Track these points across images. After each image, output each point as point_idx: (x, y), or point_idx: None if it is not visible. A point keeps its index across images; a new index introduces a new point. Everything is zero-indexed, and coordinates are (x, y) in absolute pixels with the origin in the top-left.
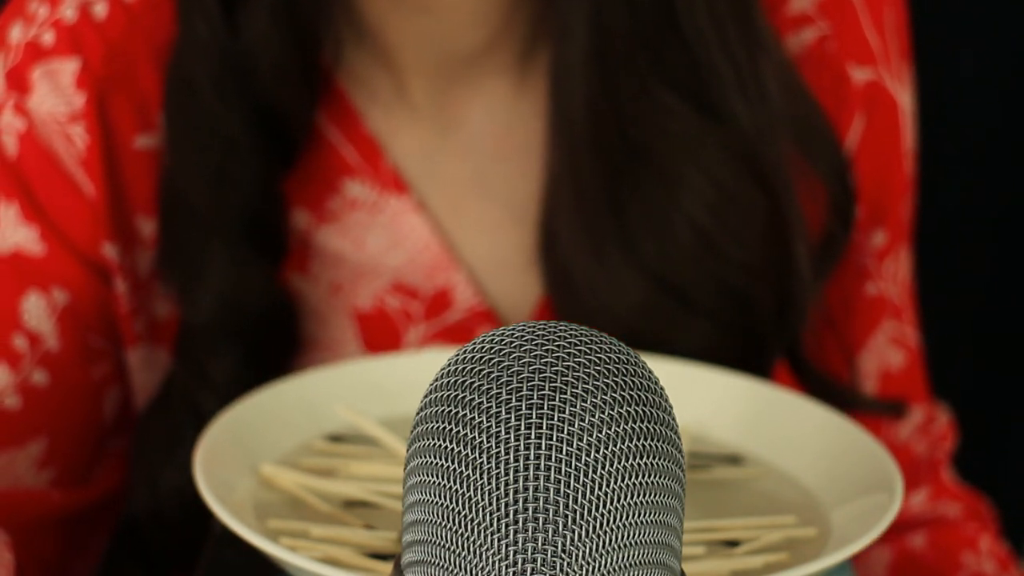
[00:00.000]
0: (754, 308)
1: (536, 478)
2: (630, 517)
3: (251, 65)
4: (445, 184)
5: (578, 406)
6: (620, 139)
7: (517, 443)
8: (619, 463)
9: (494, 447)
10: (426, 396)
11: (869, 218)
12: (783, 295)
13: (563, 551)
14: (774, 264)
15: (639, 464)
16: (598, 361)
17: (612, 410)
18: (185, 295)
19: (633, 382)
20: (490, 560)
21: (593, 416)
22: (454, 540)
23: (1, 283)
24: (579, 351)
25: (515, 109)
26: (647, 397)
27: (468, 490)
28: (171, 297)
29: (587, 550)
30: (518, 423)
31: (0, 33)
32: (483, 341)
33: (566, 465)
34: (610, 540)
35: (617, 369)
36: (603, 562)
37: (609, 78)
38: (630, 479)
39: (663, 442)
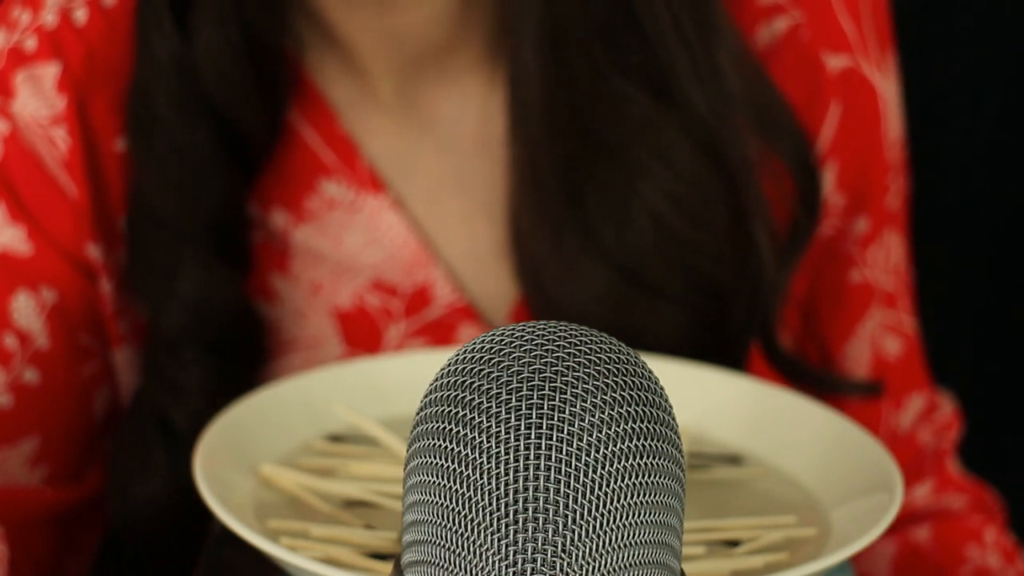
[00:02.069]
0: (722, 295)
1: (536, 478)
2: (630, 517)
3: (201, 75)
4: (421, 181)
5: (578, 406)
6: (577, 128)
7: (517, 443)
8: (619, 463)
9: (494, 447)
10: (426, 396)
11: (851, 206)
12: (750, 281)
13: (563, 551)
14: (738, 250)
15: (639, 464)
16: (598, 361)
17: (612, 410)
18: (153, 305)
19: (633, 382)
20: (490, 560)
21: (593, 416)
22: (454, 540)
23: None
24: (579, 351)
25: (487, 104)
26: (647, 397)
27: (468, 490)
28: (140, 306)
29: (587, 550)
30: (518, 423)
31: None
32: (483, 341)
33: (566, 465)
34: (610, 540)
35: (617, 369)
36: (603, 562)
37: (564, 66)
38: (630, 479)
39: (663, 442)
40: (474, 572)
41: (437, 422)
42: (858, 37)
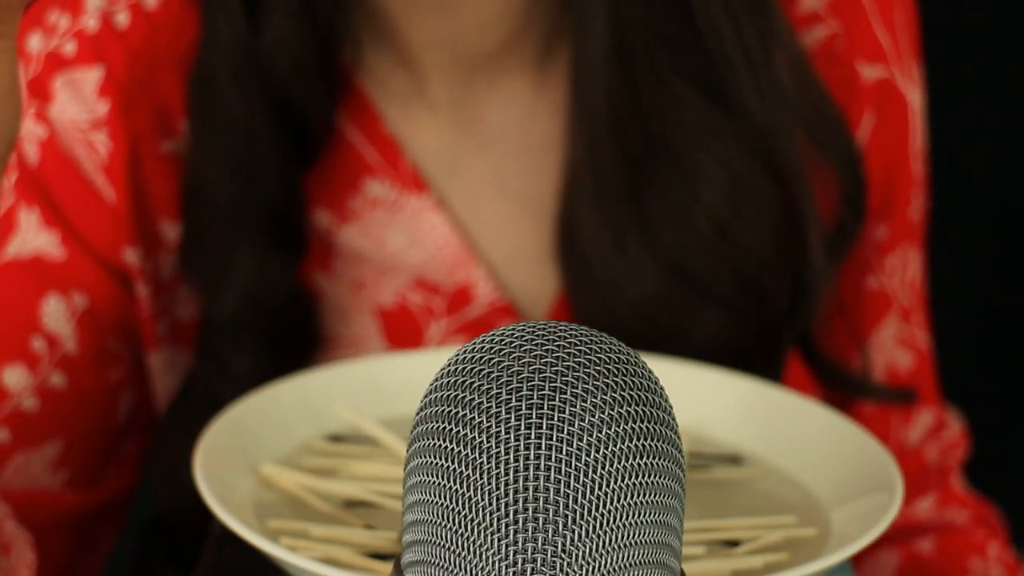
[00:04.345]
0: (768, 297)
1: (536, 478)
2: (630, 517)
3: (271, 64)
4: (464, 181)
5: (578, 406)
6: (639, 131)
7: (517, 443)
8: (619, 463)
9: (494, 447)
10: (426, 396)
11: (874, 213)
12: (797, 284)
13: (563, 551)
14: (788, 253)
15: (639, 464)
16: (598, 361)
17: (612, 410)
18: (208, 291)
19: (633, 382)
20: (490, 560)
21: (593, 416)
22: (454, 540)
23: (22, 286)
24: (579, 351)
25: (534, 105)
26: (647, 397)
27: (468, 490)
28: (194, 295)
29: (587, 550)
30: (518, 423)
31: (18, 42)
32: (483, 341)
33: (566, 465)
34: (610, 540)
35: (617, 369)
36: (603, 562)
37: (628, 71)
38: (630, 479)
39: (663, 442)
40: (474, 572)
41: (437, 422)
42: (893, 48)
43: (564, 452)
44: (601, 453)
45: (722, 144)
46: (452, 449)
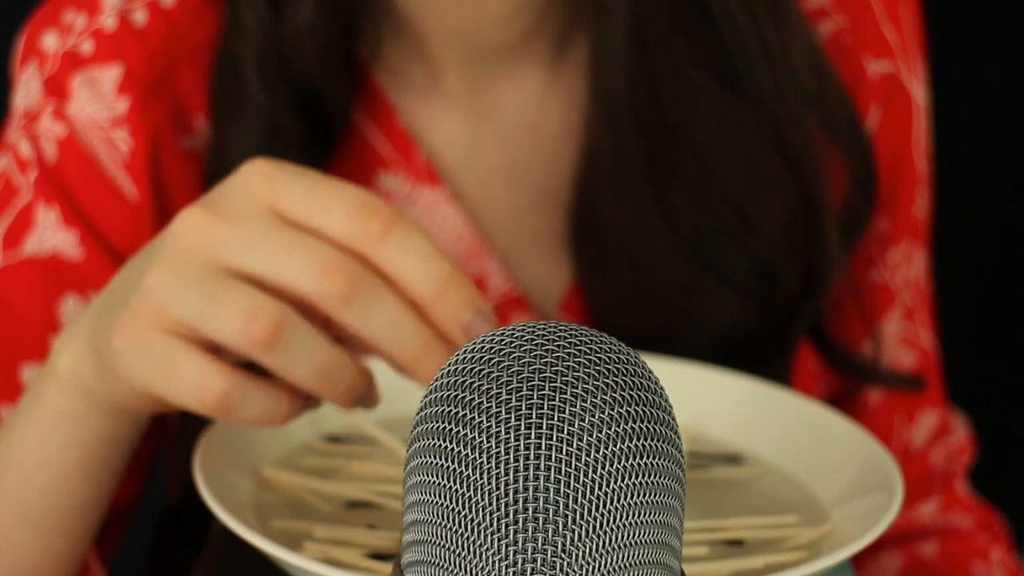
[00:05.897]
0: (782, 282)
1: (536, 478)
2: (630, 517)
3: (295, 52)
4: (478, 173)
5: (578, 406)
6: (658, 120)
7: (517, 443)
8: (619, 463)
9: (494, 447)
10: (426, 396)
11: (878, 205)
12: (810, 269)
13: (563, 551)
14: (802, 239)
15: (639, 464)
16: (598, 361)
17: (612, 410)
18: None
19: (633, 382)
20: (490, 560)
21: (593, 416)
22: (454, 540)
23: (39, 285)
24: (579, 351)
25: (547, 97)
26: (647, 397)
27: (468, 490)
28: None
29: (587, 550)
30: (518, 423)
31: (31, 41)
32: (483, 341)
33: (566, 465)
34: (610, 540)
35: (617, 369)
36: (603, 562)
37: (647, 62)
38: (630, 479)
39: (663, 442)
40: (474, 572)
41: (437, 422)
42: (899, 43)
43: (564, 452)
44: (601, 453)
45: (739, 132)
46: (452, 449)
